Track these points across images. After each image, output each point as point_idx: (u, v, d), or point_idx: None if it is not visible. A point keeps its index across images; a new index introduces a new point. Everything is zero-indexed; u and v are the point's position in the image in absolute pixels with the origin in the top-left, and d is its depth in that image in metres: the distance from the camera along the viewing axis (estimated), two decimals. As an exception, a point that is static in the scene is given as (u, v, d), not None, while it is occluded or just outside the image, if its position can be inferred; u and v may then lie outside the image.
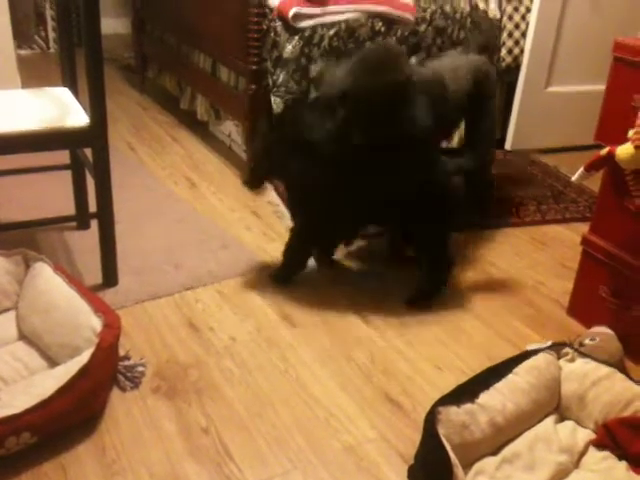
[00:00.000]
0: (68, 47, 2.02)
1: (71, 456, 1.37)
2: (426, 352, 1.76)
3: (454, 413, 1.32)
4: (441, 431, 1.27)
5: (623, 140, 1.60)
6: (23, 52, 4.38)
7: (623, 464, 1.38)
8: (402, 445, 1.45)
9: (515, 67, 3.02)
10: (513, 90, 3.05)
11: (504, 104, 3.13)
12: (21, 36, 4.35)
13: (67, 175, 2.17)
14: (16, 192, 2.44)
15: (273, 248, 2.21)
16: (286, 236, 2.04)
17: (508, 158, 3.08)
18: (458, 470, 1.22)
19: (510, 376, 1.45)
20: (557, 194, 2.76)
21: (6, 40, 2.97)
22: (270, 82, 2.51)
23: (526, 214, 2.58)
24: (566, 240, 2.41)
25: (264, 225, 2.37)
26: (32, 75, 3.83)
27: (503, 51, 2.98)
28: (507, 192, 2.73)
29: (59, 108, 1.83)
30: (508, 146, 3.12)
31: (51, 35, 4.50)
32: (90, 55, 1.68)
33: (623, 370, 1.55)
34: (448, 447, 1.24)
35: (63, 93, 1.98)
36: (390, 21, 2.53)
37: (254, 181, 2.00)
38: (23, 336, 1.64)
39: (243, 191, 2.62)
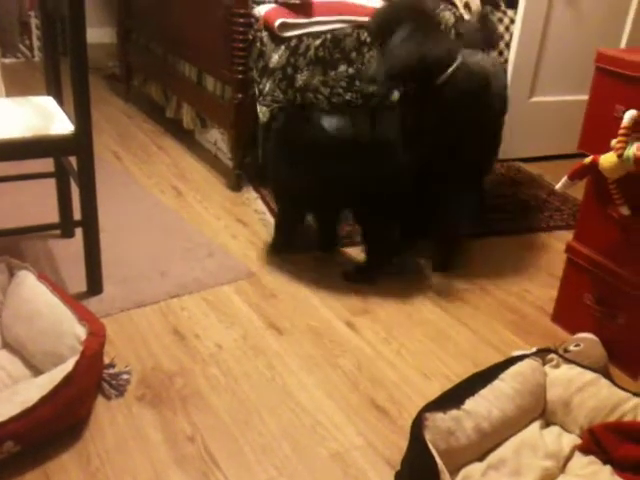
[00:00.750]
0: (53, 56, 2.02)
1: (55, 465, 1.35)
2: (412, 359, 1.76)
3: (440, 419, 1.32)
4: (427, 437, 1.27)
5: (606, 149, 1.62)
6: (7, 60, 4.36)
7: (608, 468, 1.39)
8: (389, 451, 1.45)
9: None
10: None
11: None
12: (5, 45, 4.33)
13: (51, 183, 2.16)
14: (0, 200, 2.42)
15: (259, 256, 2.21)
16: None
17: (497, 167, 3.10)
18: (445, 476, 1.21)
19: (496, 382, 1.46)
20: (541, 202, 2.78)
21: (-10, 48, 2.95)
22: (256, 91, 2.52)
23: (511, 222, 2.59)
24: (551, 248, 2.43)
25: (250, 233, 2.37)
26: (16, 84, 3.81)
27: (487, 61, 3.01)
28: (492, 200, 2.75)
29: (43, 116, 1.82)
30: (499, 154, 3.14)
31: (36, 44, 4.48)
32: (75, 64, 1.68)
33: (608, 376, 1.56)
34: (435, 453, 1.24)
35: (47, 102, 1.97)
36: (375, 31, 2.55)
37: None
38: (6, 344, 1.63)
39: (229, 199, 2.61)
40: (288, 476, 1.37)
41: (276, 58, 2.46)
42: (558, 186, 1.74)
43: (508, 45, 3.03)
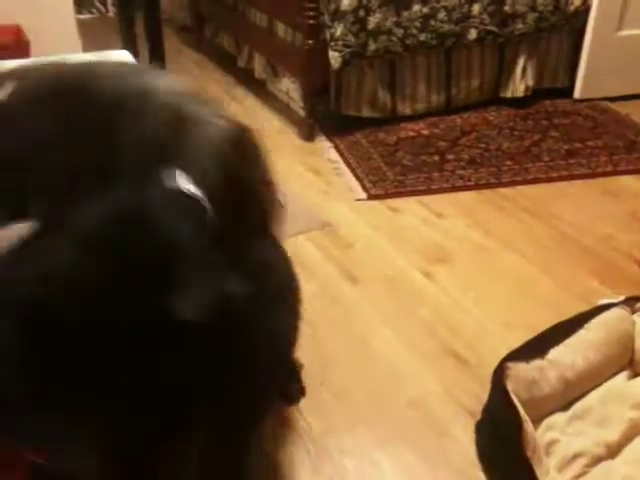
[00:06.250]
0: (127, 10, 2.04)
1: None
2: (492, 308, 1.73)
3: (523, 369, 1.30)
4: (510, 386, 1.25)
5: None
6: (83, 16, 4.44)
7: (701, 421, 1.33)
8: (468, 400, 1.44)
9: (584, 10, 2.86)
10: (581, 36, 2.91)
11: (572, 50, 2.98)
12: (80, 1, 4.40)
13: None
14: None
15: (333, 206, 2.20)
16: (346, 194, 2.02)
17: (576, 107, 2.95)
18: (528, 425, 1.20)
19: (581, 331, 1.42)
20: (629, 144, 2.64)
21: (66, 4, 3.00)
22: (328, 36, 2.47)
23: (596, 165, 2.47)
24: (638, 192, 2.31)
25: (324, 182, 2.36)
26: (92, 39, 3.88)
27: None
28: (576, 143, 2.63)
29: (120, 70, 1.85)
30: (577, 95, 2.98)
31: (109, -1, 4.54)
32: (149, 17, 1.69)
33: (701, 325, 1.49)
34: (517, 402, 1.22)
35: (123, 55, 1.99)
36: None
37: None
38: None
39: (302, 149, 2.60)
40: (366, 423, 1.38)
41: (347, 0, 2.39)
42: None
43: (593, -26, 2.83)
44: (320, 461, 1.32)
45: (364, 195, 2.27)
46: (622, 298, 1.56)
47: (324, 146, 2.63)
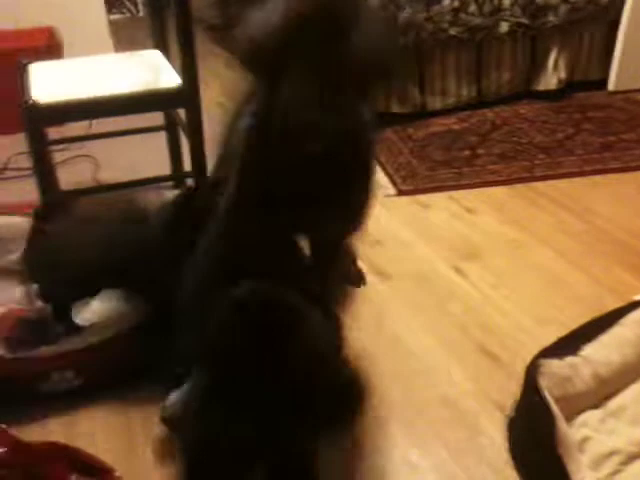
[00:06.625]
0: (157, 10, 2.05)
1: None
2: (525, 305, 1.72)
3: (556, 366, 1.29)
4: (543, 383, 1.24)
5: None
6: (114, 17, 4.50)
7: None
8: (500, 397, 1.43)
9: (618, 1, 2.81)
10: (615, 27, 2.85)
11: (605, 42, 2.93)
12: (111, 1, 4.46)
13: (161, 137, 2.23)
14: (114, 154, 2.53)
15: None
16: (376, 190, 2.00)
17: (610, 100, 2.90)
18: (561, 422, 1.19)
19: (616, 328, 1.40)
20: (665, 136, 2.59)
21: (98, 5, 3.05)
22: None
23: (632, 159, 2.43)
24: (676, 185, 2.26)
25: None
26: (123, 39, 3.93)
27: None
28: (611, 136, 2.58)
29: (152, 70, 1.87)
30: (611, 87, 2.93)
31: (140, -1, 4.59)
32: (180, 16, 1.70)
33: None
34: (550, 399, 1.21)
35: (155, 55, 2.02)
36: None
37: None
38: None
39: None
40: (398, 419, 1.38)
41: (376, -4, 2.39)
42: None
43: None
44: (353, 459, 1.32)
45: (394, 191, 2.27)
46: (658, 294, 1.54)
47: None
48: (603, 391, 1.35)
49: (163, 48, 2.06)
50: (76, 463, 1.24)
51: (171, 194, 1.57)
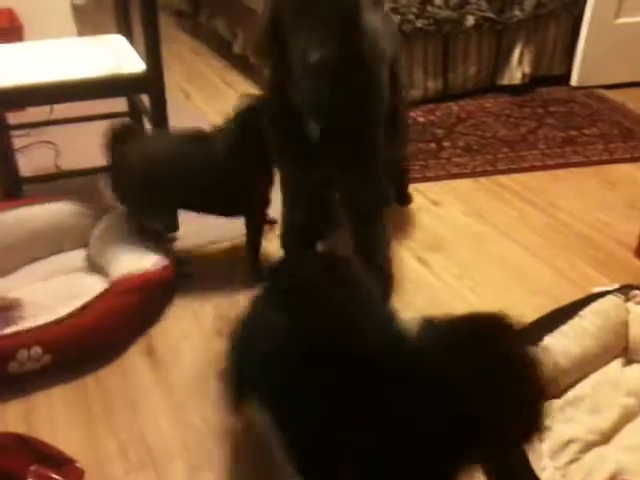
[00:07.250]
0: (122, -7, 2.02)
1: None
2: (488, 296, 1.74)
3: (517, 356, 1.30)
4: (504, 373, 1.25)
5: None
6: (78, 1, 4.40)
7: (694, 407, 1.34)
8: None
9: (582, -3, 2.85)
10: (579, 23, 2.89)
11: (569, 38, 2.97)
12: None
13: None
14: (77, 140, 2.47)
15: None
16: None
17: (573, 95, 2.94)
18: (522, 412, 1.20)
19: (576, 319, 1.42)
20: (625, 132, 2.64)
21: (61, -11, 2.97)
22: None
23: (593, 153, 2.47)
24: (635, 180, 2.31)
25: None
26: (87, 24, 3.84)
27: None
28: (573, 131, 2.62)
29: (115, 55, 1.83)
30: (574, 82, 2.98)
31: (104, -17, 4.50)
32: (144, 2, 1.66)
33: (695, 313, 1.50)
34: (511, 389, 1.22)
35: (118, 40, 1.98)
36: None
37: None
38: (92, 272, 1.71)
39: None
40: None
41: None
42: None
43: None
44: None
45: (360, 182, 2.26)
46: (617, 286, 1.56)
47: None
48: (563, 381, 1.37)
49: (127, 33, 2.02)
50: (36, 454, 1.22)
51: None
